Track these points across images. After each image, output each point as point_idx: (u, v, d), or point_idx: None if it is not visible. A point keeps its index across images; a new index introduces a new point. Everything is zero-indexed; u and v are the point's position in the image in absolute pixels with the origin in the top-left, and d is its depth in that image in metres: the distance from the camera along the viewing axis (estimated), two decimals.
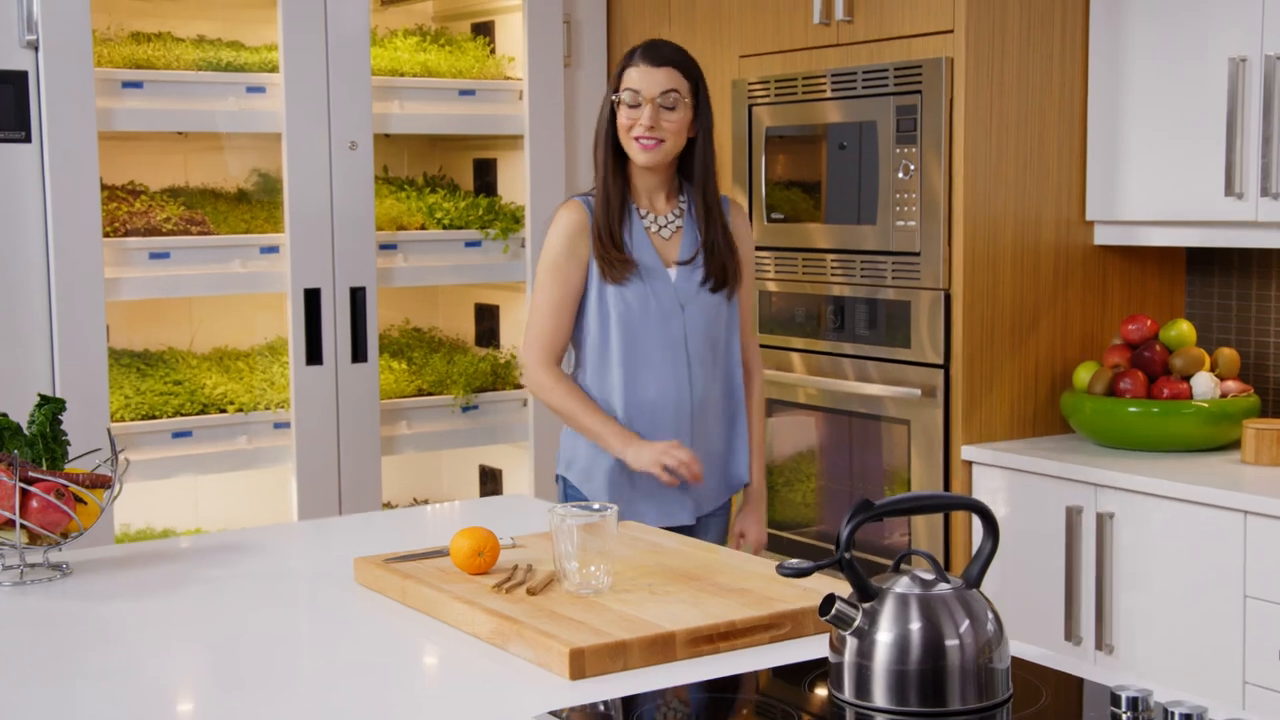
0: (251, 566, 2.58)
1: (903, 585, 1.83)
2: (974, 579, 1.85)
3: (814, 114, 3.95)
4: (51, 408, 2.59)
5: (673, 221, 3.10)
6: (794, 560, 1.86)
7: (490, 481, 4.89)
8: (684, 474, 2.97)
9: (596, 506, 2.27)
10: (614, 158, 3.05)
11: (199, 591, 2.43)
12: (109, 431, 2.66)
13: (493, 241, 4.50)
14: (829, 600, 1.82)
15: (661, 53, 3.02)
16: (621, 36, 4.64)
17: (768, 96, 4.07)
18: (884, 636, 1.80)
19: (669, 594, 2.21)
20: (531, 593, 2.23)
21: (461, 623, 2.19)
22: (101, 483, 2.54)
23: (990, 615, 1.83)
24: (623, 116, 3.02)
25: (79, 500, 2.52)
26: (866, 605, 1.82)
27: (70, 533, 2.52)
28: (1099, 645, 3.38)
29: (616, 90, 3.03)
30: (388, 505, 4.78)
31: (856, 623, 1.82)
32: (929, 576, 1.84)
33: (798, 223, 4.02)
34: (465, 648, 2.11)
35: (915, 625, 1.80)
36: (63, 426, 2.61)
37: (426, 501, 4.90)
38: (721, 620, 2.08)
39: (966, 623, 1.81)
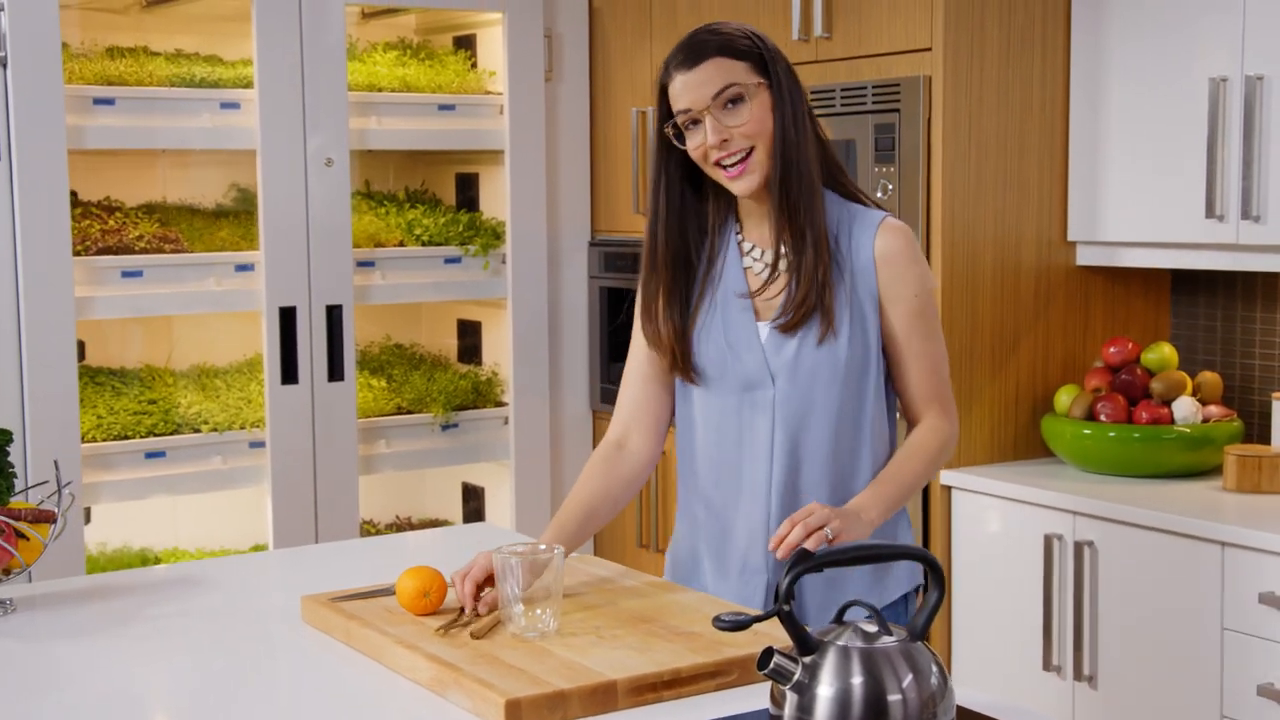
0: (199, 603, 2.53)
1: (845, 638, 1.77)
2: (919, 631, 1.80)
3: None
4: None
5: (761, 258, 2.43)
6: (730, 613, 1.81)
7: (473, 500, 4.84)
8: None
9: (543, 546, 2.22)
10: (679, 198, 2.41)
11: (142, 631, 2.38)
12: (56, 464, 2.61)
13: (473, 258, 4.45)
14: (768, 653, 1.77)
15: (699, 46, 2.32)
16: (604, 50, 4.58)
17: None
18: (824, 691, 1.74)
19: (616, 638, 2.15)
20: (475, 636, 2.17)
21: (402, 668, 2.13)
22: (45, 518, 2.49)
23: (935, 669, 1.77)
24: (691, 145, 2.33)
25: (21, 536, 2.46)
26: (807, 659, 1.77)
27: (12, 569, 2.46)
28: (1078, 676, 3.32)
29: (667, 117, 2.35)
30: (369, 524, 4.74)
31: (796, 677, 1.76)
32: (872, 629, 1.78)
33: None
34: (405, 695, 2.05)
35: (857, 680, 1.74)
36: (9, 459, 2.56)
37: (410, 520, 4.85)
38: (666, 668, 2.02)
39: (910, 677, 1.75)
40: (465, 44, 4.70)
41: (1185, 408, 3.43)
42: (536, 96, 4.48)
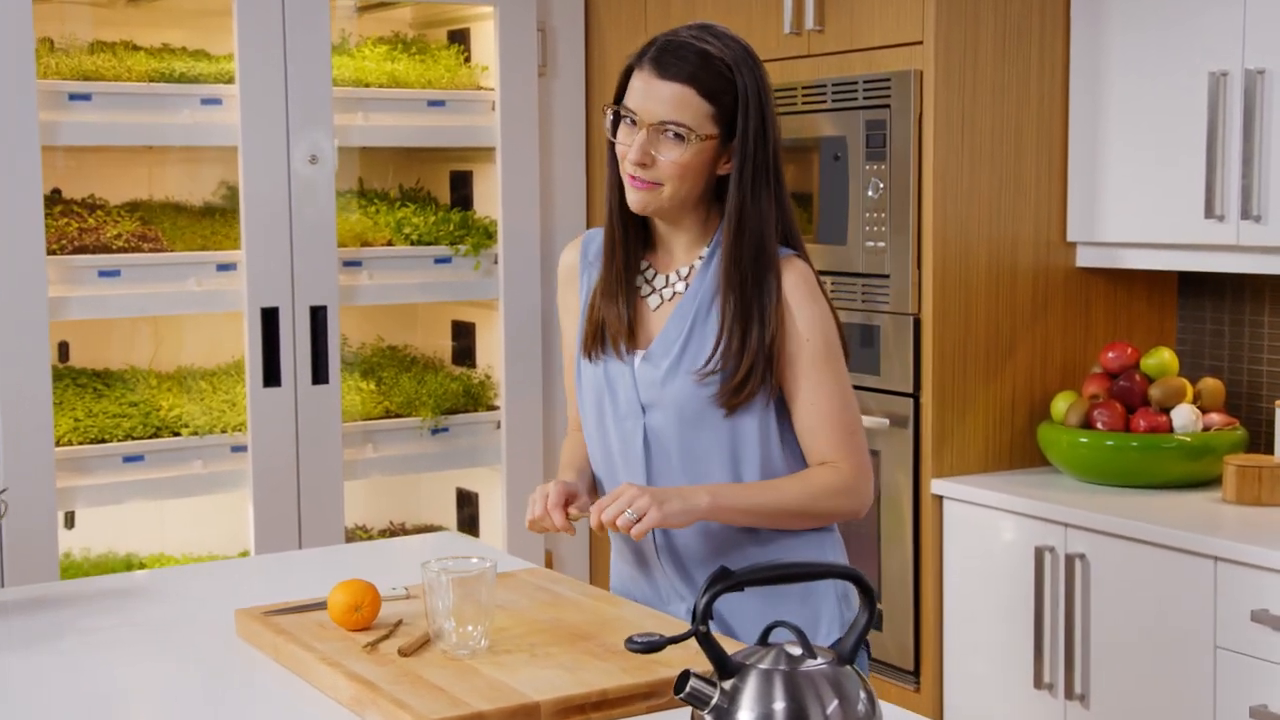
0: (137, 616, 2.43)
1: (767, 661, 1.66)
2: (847, 654, 1.68)
3: (783, 128, 3.76)
4: None
5: (673, 284, 2.31)
6: (643, 634, 1.70)
7: (467, 505, 4.74)
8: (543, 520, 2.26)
9: (474, 560, 2.11)
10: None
11: (71, 644, 2.29)
12: None
13: (463, 258, 4.35)
14: (684, 676, 1.66)
15: (676, 60, 2.16)
16: (599, 44, 4.47)
17: None
18: (744, 716, 1.63)
19: (549, 656, 2.05)
20: (403, 653, 2.07)
21: (325, 686, 2.03)
22: None
23: (863, 695, 1.66)
24: (620, 136, 2.22)
25: None
26: (726, 683, 1.66)
27: None
28: (1069, 694, 3.18)
29: (618, 98, 2.24)
30: (361, 530, 4.64)
31: (714, 701, 1.65)
32: (797, 651, 1.67)
33: None
34: (325, 715, 1.95)
35: (779, 705, 1.63)
36: None
37: (403, 526, 4.75)
38: (594, 689, 1.92)
39: (835, 703, 1.63)
40: (459, 38, 4.60)
41: (1185, 416, 3.29)
42: (529, 92, 4.37)
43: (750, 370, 2.19)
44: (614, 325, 2.29)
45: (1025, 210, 3.53)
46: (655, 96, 2.16)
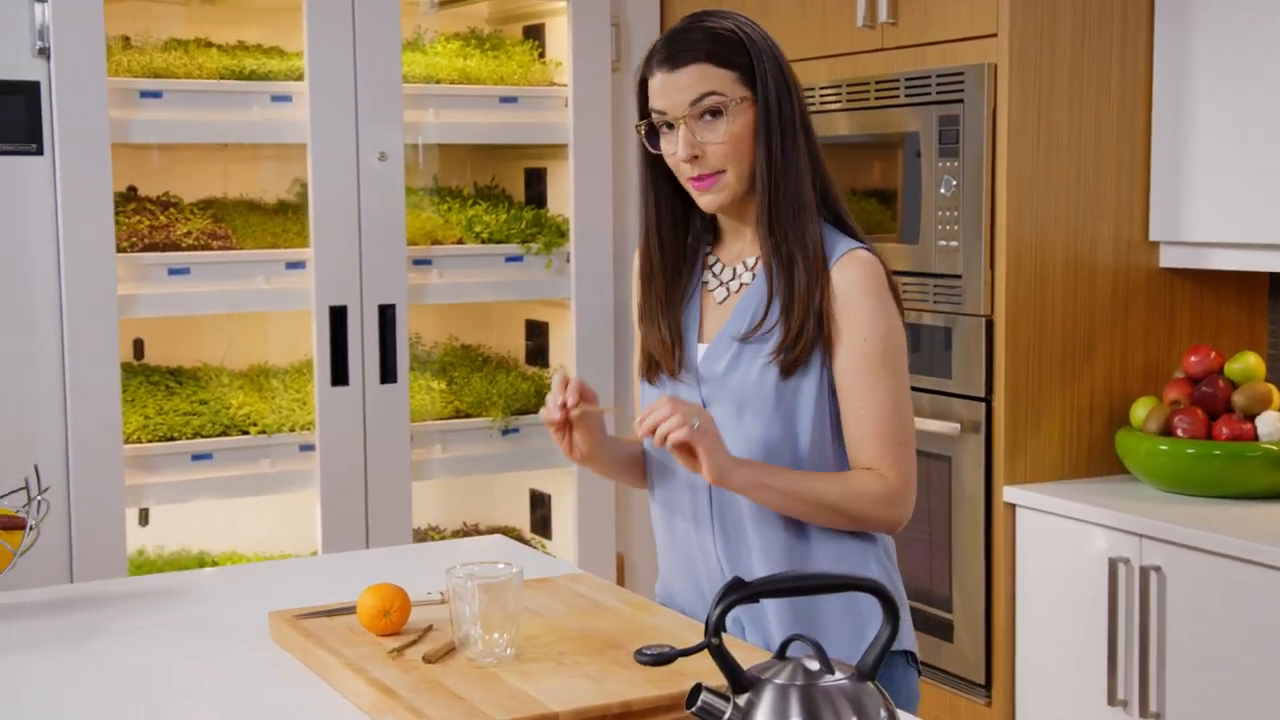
0: (172, 617, 2.40)
1: (784, 675, 1.58)
2: (868, 670, 1.60)
3: (856, 124, 3.67)
4: None
5: (740, 275, 2.25)
6: (653, 646, 1.63)
7: (540, 506, 4.69)
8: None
9: (502, 565, 2.05)
10: (667, 200, 2.25)
11: (103, 645, 2.26)
12: (36, 469, 2.50)
13: (535, 256, 4.29)
14: (696, 690, 1.58)
15: (683, 48, 2.12)
16: None
17: (811, 105, 3.80)
18: None
19: (576, 665, 1.98)
20: (427, 660, 2.01)
21: (348, 692, 1.99)
22: (16, 525, 2.39)
23: (884, 713, 1.57)
24: (664, 147, 2.17)
25: None
26: (740, 698, 1.58)
27: None
28: (1143, 712, 3.06)
29: (645, 114, 2.19)
30: (433, 530, 4.61)
31: (726, 716, 1.58)
32: (815, 666, 1.59)
33: None
34: None
35: None
36: None
37: (476, 527, 4.71)
38: (615, 700, 1.85)
39: None
40: (534, 34, 4.55)
41: (1270, 423, 3.14)
42: (603, 88, 4.30)
43: (803, 324, 2.11)
44: (659, 350, 2.25)
45: (1105, 208, 3.41)
46: (676, 87, 2.12)
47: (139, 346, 4.24)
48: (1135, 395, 3.45)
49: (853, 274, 2.14)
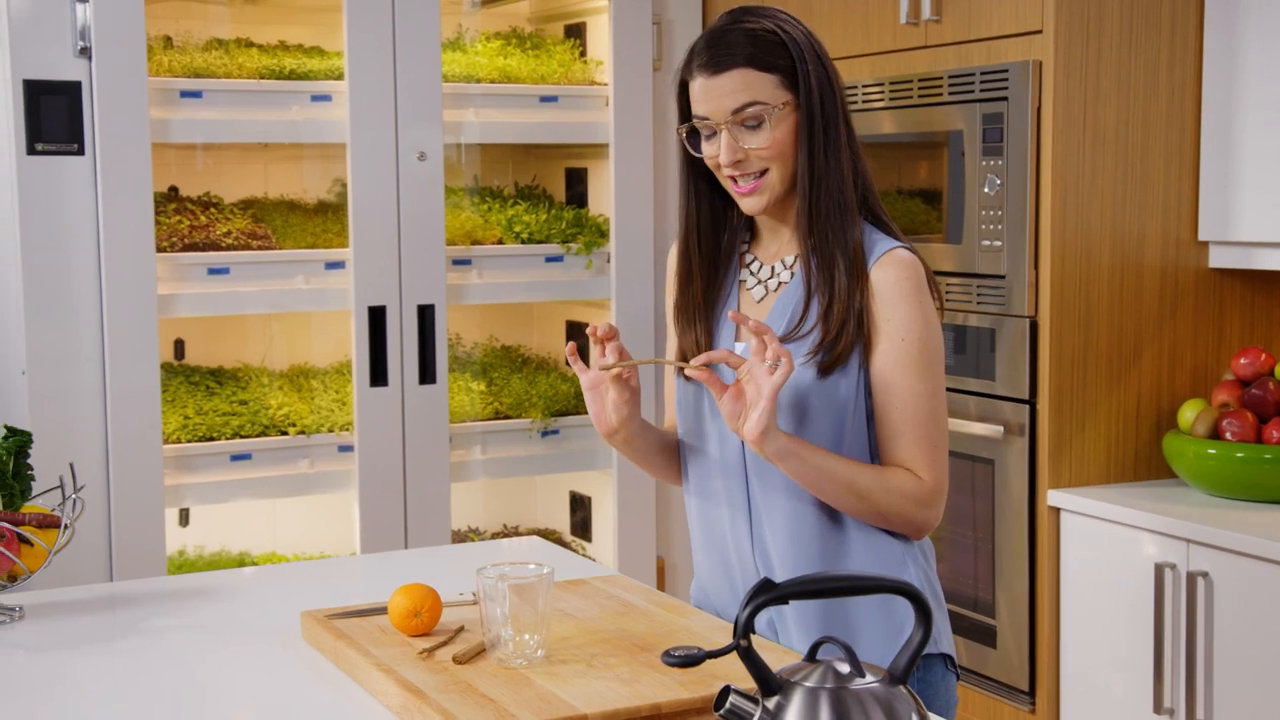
0: (204, 617, 2.38)
1: (814, 678, 1.55)
2: (901, 673, 1.56)
3: (899, 122, 3.63)
4: (16, 441, 2.43)
5: (779, 274, 2.21)
6: (681, 647, 1.59)
7: (580, 509, 4.66)
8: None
9: (532, 566, 2.02)
10: (706, 199, 2.24)
11: (136, 645, 2.25)
12: (71, 467, 2.49)
13: (575, 257, 4.27)
14: (724, 693, 1.55)
15: (724, 51, 2.08)
16: None
17: (855, 103, 3.76)
18: None
19: (607, 667, 1.95)
20: (457, 661, 1.99)
21: (378, 692, 1.97)
22: (51, 523, 2.38)
23: (915, 717, 1.53)
24: (705, 151, 2.15)
25: (25, 541, 2.35)
26: (770, 701, 1.54)
27: (17, 576, 2.35)
28: None
29: (684, 117, 2.17)
30: (473, 532, 4.59)
31: (755, 719, 1.54)
32: (846, 669, 1.55)
33: None
34: None
35: None
36: (28, 461, 2.45)
37: (516, 529, 4.69)
38: (645, 702, 1.82)
39: None
40: (575, 33, 4.52)
41: None
42: (644, 87, 4.28)
43: (843, 325, 2.08)
44: (693, 351, 2.22)
45: (1152, 208, 3.35)
46: (718, 92, 2.08)
47: (179, 346, 4.24)
48: (1183, 398, 3.40)
49: (893, 273, 2.11)
